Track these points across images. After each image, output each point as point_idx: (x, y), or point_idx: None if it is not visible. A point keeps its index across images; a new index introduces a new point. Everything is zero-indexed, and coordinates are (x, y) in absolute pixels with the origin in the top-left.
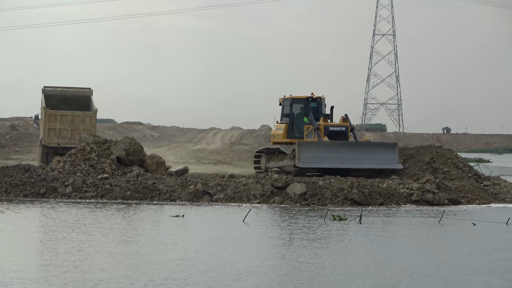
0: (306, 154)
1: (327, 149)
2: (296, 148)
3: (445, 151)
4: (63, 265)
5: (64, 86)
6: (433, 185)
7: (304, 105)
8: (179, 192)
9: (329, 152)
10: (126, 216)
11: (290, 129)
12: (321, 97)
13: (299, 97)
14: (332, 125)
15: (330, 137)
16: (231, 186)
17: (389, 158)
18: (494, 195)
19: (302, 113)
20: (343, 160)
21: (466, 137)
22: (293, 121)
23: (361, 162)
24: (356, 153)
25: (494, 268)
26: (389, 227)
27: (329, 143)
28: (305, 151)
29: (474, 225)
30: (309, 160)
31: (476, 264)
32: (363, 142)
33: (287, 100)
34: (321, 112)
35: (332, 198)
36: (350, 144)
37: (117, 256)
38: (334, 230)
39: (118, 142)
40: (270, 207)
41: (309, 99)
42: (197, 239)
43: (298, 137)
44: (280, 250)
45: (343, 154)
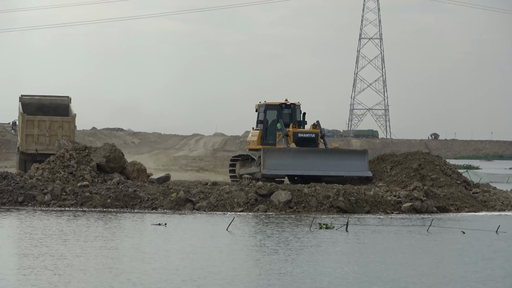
0: (271, 161)
1: (294, 156)
2: (261, 155)
3: (433, 158)
4: (40, 275)
5: (41, 95)
6: (421, 192)
7: (277, 111)
8: (160, 200)
9: (295, 159)
10: (106, 224)
11: (264, 136)
12: (296, 104)
13: (272, 103)
14: (301, 132)
15: (299, 144)
16: (214, 194)
17: (358, 166)
18: (483, 203)
19: (276, 120)
20: (310, 167)
21: (455, 143)
22: (267, 128)
23: (329, 169)
24: (324, 160)
25: (484, 277)
26: (377, 236)
27: (296, 149)
28: (271, 158)
29: (464, 233)
30: (274, 167)
31: (466, 273)
32: (331, 149)
33: (261, 106)
34: (295, 118)
35: (317, 206)
36: (318, 151)
37: (96, 266)
38: (320, 239)
39: (98, 148)
40: (254, 215)
41: (282, 106)
42: (179, 248)
43: (271, 144)
44: (264, 260)
45: (310, 161)
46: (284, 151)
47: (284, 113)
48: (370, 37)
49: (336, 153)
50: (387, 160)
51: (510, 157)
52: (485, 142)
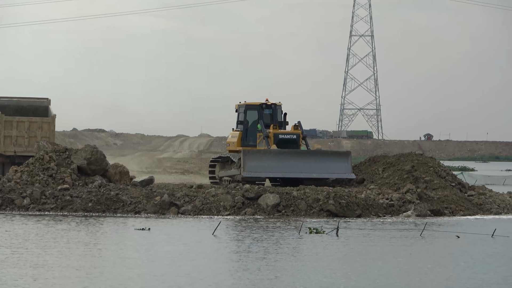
0: (251, 163)
1: (275, 157)
2: (241, 157)
3: (427, 159)
4: (18, 282)
5: (20, 97)
6: (414, 195)
7: (258, 112)
8: (144, 203)
9: (276, 161)
10: (88, 229)
11: (244, 137)
12: (276, 104)
13: (253, 103)
14: (282, 133)
15: (280, 145)
16: (199, 197)
17: (341, 168)
18: (479, 206)
19: (255, 120)
20: (291, 169)
21: (449, 144)
22: (247, 129)
23: (311, 172)
24: (306, 162)
25: (480, 282)
26: (368, 241)
27: (277, 151)
28: (251, 160)
29: (458, 237)
30: (254, 169)
31: (460, 279)
32: (313, 150)
33: (241, 106)
34: (276, 119)
35: (307, 209)
36: (300, 152)
37: (78, 272)
38: (309, 244)
39: (79, 150)
40: (241, 219)
41: (263, 106)
42: (164, 254)
43: (252, 145)
44: (252, 266)
45: (292, 163)
46: (265, 153)
47: (265, 113)
48: (361, 34)
49: (318, 154)
50: (379, 161)
51: (507, 158)
52: (481, 143)
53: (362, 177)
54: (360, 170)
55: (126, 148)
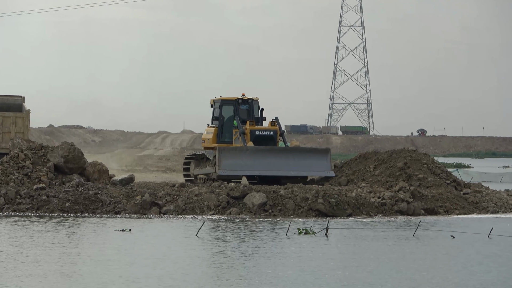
0: (227, 160)
1: (252, 155)
2: (217, 154)
3: (420, 156)
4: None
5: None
6: (407, 193)
7: (234, 107)
8: (124, 203)
9: (253, 158)
10: (65, 230)
11: (219, 133)
12: (253, 99)
13: (229, 98)
14: (259, 129)
15: (257, 142)
16: (182, 197)
17: (320, 165)
18: (475, 204)
19: (233, 116)
20: (269, 167)
21: (444, 140)
22: (223, 125)
23: (289, 169)
24: (284, 159)
25: (475, 284)
26: (358, 241)
27: (254, 148)
28: (226, 158)
29: (453, 237)
30: (230, 167)
31: (455, 281)
32: (291, 147)
33: (217, 101)
34: (253, 114)
35: (295, 208)
36: (277, 150)
37: (55, 275)
38: (297, 245)
39: (56, 148)
40: (226, 219)
41: (239, 101)
42: (145, 256)
43: (228, 142)
44: (236, 268)
45: (270, 160)
46: (241, 150)
47: (241, 109)
48: (351, 25)
49: (296, 152)
50: (370, 158)
51: (504, 154)
52: (477, 139)
53: (346, 179)
54: (350, 168)
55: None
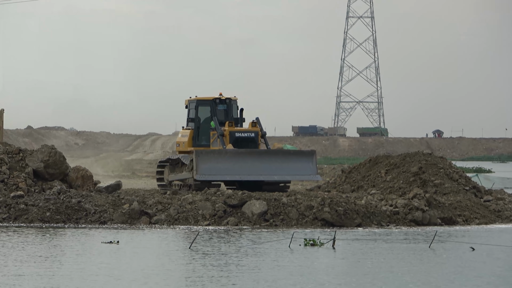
0: (205, 165)
1: (231, 158)
2: (194, 158)
3: (437, 160)
4: None
5: None
6: (423, 201)
7: (211, 108)
8: (110, 212)
9: (233, 162)
10: (46, 242)
11: (195, 136)
12: (231, 98)
13: (205, 98)
14: (239, 131)
15: (237, 144)
16: (174, 205)
17: (305, 169)
18: (497, 213)
19: (210, 118)
20: (249, 171)
21: (462, 142)
22: (199, 127)
23: (272, 173)
24: (266, 163)
25: None
26: (369, 254)
27: (234, 151)
28: (205, 162)
29: (473, 249)
30: (208, 172)
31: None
32: (274, 150)
33: (192, 102)
34: (231, 115)
35: (298, 218)
36: (259, 152)
37: None
38: (301, 258)
39: (35, 151)
40: (223, 230)
41: (216, 101)
42: (135, 270)
43: (205, 145)
44: (233, 283)
45: (250, 164)
46: (220, 153)
47: (219, 109)
48: (360, 16)
49: (280, 155)
50: (381, 162)
51: None
52: (498, 140)
53: (351, 187)
54: (359, 173)
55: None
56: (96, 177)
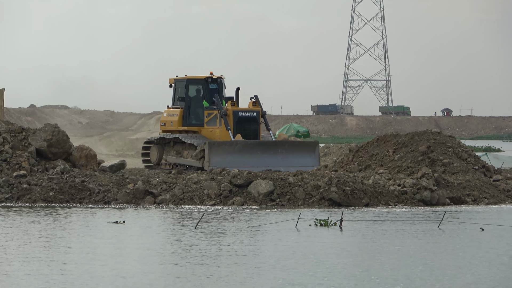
0: (217, 157)
1: (241, 150)
2: (206, 150)
3: (445, 138)
4: None
5: None
6: (431, 180)
7: (203, 87)
8: (114, 192)
9: (242, 153)
10: (50, 222)
11: (186, 115)
12: (221, 77)
13: (196, 77)
14: (242, 110)
15: (240, 124)
16: (179, 185)
17: (307, 160)
18: (506, 192)
19: (199, 96)
20: (257, 162)
21: (471, 121)
22: (190, 106)
23: (278, 165)
24: (272, 154)
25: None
26: (377, 234)
27: (243, 143)
28: (216, 154)
29: (483, 230)
30: (220, 164)
31: (489, 279)
32: (280, 141)
33: (180, 81)
34: (222, 94)
35: (305, 198)
36: (266, 144)
37: (40, 270)
38: (306, 238)
39: (38, 130)
40: (228, 210)
41: (208, 80)
42: (140, 251)
43: (196, 124)
44: (237, 265)
45: (258, 155)
46: (231, 145)
47: (210, 88)
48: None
49: (285, 145)
50: (389, 141)
51: None
52: (508, 119)
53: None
54: (367, 152)
55: (93, 128)
56: (100, 156)
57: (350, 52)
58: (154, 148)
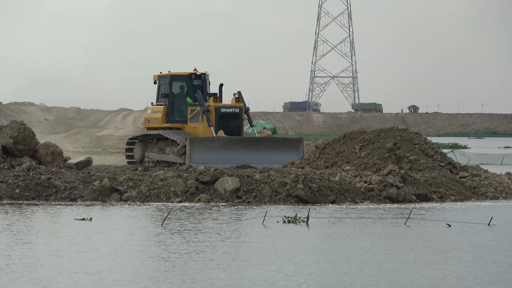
0: (198, 153)
1: (223, 146)
2: (187, 146)
3: (412, 135)
4: None
5: None
6: (397, 177)
7: (186, 83)
8: (80, 189)
9: (224, 149)
10: (15, 219)
11: (170, 112)
12: (205, 74)
13: (179, 73)
14: (224, 106)
15: (222, 121)
16: (145, 182)
17: (291, 156)
18: (472, 189)
19: (183, 93)
20: (240, 159)
21: (438, 118)
22: (173, 102)
23: (261, 162)
24: (255, 151)
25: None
26: (343, 231)
27: (225, 139)
28: (198, 150)
29: (449, 226)
30: (201, 160)
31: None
32: (263, 137)
33: (164, 77)
34: (206, 91)
35: (272, 195)
36: (249, 140)
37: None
38: (275, 235)
39: (4, 127)
40: (195, 207)
41: (192, 76)
42: (108, 247)
43: (180, 121)
44: (203, 261)
45: (241, 152)
46: (213, 141)
47: (194, 84)
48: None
49: (269, 142)
50: (355, 138)
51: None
52: (475, 116)
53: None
54: (333, 149)
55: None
56: (66, 153)
57: (317, 49)
58: (137, 145)
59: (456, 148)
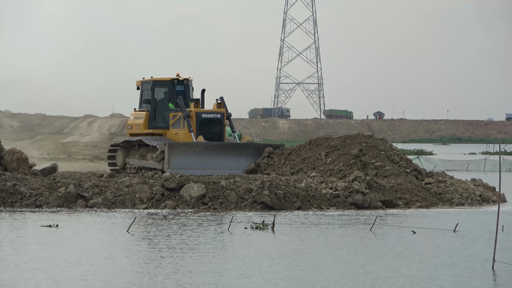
0: (177, 158)
1: (202, 152)
2: (166, 151)
3: (377, 142)
4: None
5: None
6: (363, 183)
7: (169, 89)
8: (46, 195)
9: (204, 155)
10: None
11: (152, 118)
12: (188, 79)
13: (162, 79)
14: (205, 112)
15: (203, 126)
16: (111, 188)
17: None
18: (438, 196)
19: (166, 99)
20: (220, 164)
21: (403, 124)
22: (156, 108)
23: (241, 167)
24: (236, 156)
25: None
26: (309, 237)
27: (205, 144)
28: (176, 155)
29: (414, 233)
30: (180, 166)
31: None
32: (244, 143)
33: (147, 83)
34: (189, 96)
35: (237, 201)
36: (229, 146)
37: None
38: (240, 241)
39: None
40: (161, 214)
41: (174, 82)
42: (74, 254)
43: (162, 127)
44: (170, 267)
45: (220, 157)
46: (192, 146)
47: (177, 90)
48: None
49: (249, 148)
50: (321, 144)
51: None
52: (440, 122)
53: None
54: (299, 155)
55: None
56: (32, 160)
57: (283, 55)
58: (119, 151)
59: (421, 154)
